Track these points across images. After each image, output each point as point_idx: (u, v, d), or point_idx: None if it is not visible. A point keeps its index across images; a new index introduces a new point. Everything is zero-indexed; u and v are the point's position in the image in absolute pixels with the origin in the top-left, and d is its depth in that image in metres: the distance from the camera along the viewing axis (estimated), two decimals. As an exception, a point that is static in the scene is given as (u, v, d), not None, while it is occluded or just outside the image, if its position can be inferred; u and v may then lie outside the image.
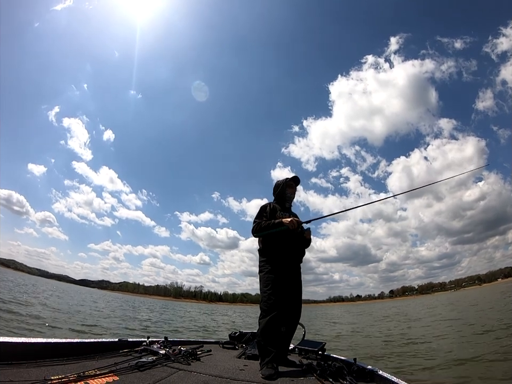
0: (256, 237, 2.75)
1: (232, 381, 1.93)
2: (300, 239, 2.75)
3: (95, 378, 1.60)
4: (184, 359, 2.30)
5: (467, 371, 4.44)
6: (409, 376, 4.40)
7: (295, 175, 2.97)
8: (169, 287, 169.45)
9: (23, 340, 1.82)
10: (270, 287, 2.50)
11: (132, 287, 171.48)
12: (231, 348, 3.34)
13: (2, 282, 25.12)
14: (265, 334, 2.38)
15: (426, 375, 4.51)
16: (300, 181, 2.99)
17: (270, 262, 2.62)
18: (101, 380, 1.60)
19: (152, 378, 1.75)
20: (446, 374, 4.46)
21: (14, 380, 1.45)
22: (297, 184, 3.00)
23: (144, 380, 1.72)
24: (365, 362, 2.52)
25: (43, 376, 1.50)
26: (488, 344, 6.08)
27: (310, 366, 2.31)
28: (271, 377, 2.07)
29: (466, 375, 4.26)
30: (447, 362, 5.05)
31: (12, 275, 55.95)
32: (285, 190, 2.91)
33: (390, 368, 4.80)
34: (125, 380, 1.67)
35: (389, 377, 2.07)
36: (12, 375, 1.49)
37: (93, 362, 1.97)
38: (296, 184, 2.99)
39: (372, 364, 2.84)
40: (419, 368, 4.88)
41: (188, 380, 1.84)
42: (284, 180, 2.95)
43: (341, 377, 2.08)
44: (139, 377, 1.75)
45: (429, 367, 4.92)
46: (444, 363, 5.02)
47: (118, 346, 2.41)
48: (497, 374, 4.12)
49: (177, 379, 1.83)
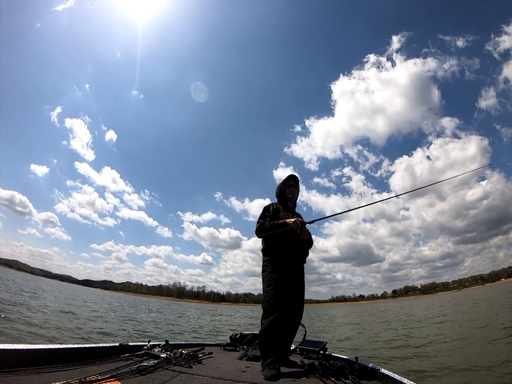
0: (260, 238, 2.74)
1: (234, 382, 1.93)
2: (303, 239, 2.73)
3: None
4: (186, 362, 2.30)
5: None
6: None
7: (290, 174, 2.94)
8: (172, 287, 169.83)
9: (24, 346, 1.81)
10: (272, 287, 2.50)
11: (134, 287, 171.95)
12: (232, 349, 3.34)
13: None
14: (267, 335, 2.37)
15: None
16: (298, 178, 2.95)
17: (273, 262, 2.62)
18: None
19: (154, 382, 1.74)
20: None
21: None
22: (297, 182, 2.95)
23: (145, 383, 1.71)
24: (366, 361, 2.51)
25: (44, 383, 1.50)
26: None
27: (312, 366, 2.31)
28: (273, 378, 2.07)
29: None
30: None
31: (13, 275, 55.86)
32: (284, 190, 2.90)
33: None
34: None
35: (391, 375, 2.07)
36: (13, 383, 1.48)
37: (94, 367, 1.96)
38: (295, 182, 2.95)
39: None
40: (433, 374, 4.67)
41: (189, 382, 1.83)
42: (282, 181, 2.95)
43: (343, 376, 2.08)
44: (140, 382, 1.74)
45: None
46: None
47: (119, 351, 2.40)
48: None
49: (179, 382, 1.82)
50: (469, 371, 4.60)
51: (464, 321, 11.73)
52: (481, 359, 5.14)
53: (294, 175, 2.94)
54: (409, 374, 4.54)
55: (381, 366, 2.30)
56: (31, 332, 6.57)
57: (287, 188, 2.91)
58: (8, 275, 47.54)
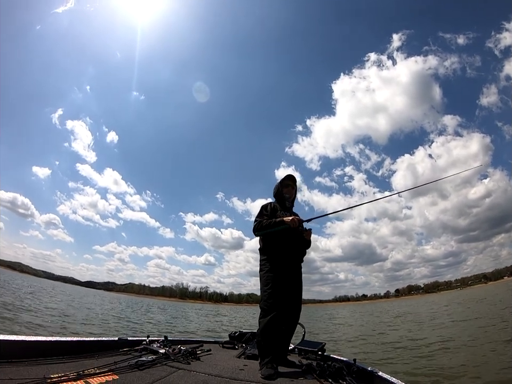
0: (257, 236, 2.75)
1: (231, 380, 1.93)
2: (301, 239, 2.74)
3: (94, 377, 1.60)
4: (184, 358, 2.30)
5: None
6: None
7: (288, 174, 2.95)
8: (174, 288, 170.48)
9: (23, 338, 1.82)
10: (270, 286, 2.49)
11: (137, 288, 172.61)
12: (231, 347, 3.34)
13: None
14: (265, 334, 2.38)
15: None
16: (295, 178, 2.97)
17: (271, 261, 2.62)
18: (100, 378, 1.60)
19: (152, 377, 1.75)
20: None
21: (14, 378, 1.45)
22: (294, 182, 2.97)
23: (143, 379, 1.72)
24: (364, 363, 2.50)
25: (43, 375, 1.50)
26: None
27: (310, 367, 2.31)
28: (270, 377, 2.07)
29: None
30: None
31: (17, 277, 55.88)
32: (282, 190, 2.91)
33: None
34: (125, 378, 1.67)
35: (389, 378, 2.06)
36: (12, 373, 1.49)
37: (93, 361, 1.97)
38: (293, 182, 2.96)
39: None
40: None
41: (187, 379, 1.84)
42: (279, 181, 2.97)
43: (340, 377, 2.07)
44: (139, 376, 1.75)
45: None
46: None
47: (117, 345, 2.41)
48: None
49: (177, 378, 1.83)
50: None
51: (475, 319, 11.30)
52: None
53: (291, 175, 2.95)
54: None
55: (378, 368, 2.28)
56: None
57: (285, 187, 2.92)
58: (14, 277, 47.31)
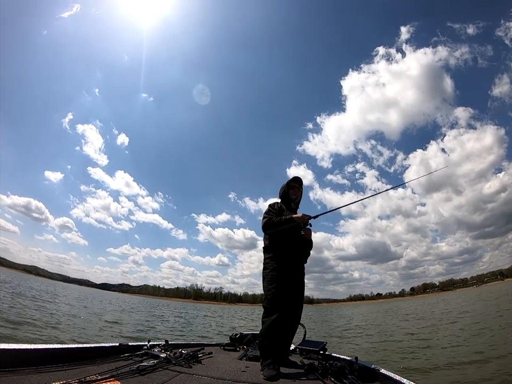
0: (267, 234, 2.73)
1: (234, 382, 1.93)
2: (302, 239, 2.73)
3: (96, 383, 1.60)
4: (185, 362, 2.30)
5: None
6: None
7: (295, 176, 3.00)
8: (189, 289, 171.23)
9: (23, 346, 1.82)
10: (274, 286, 2.51)
11: (152, 290, 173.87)
12: (232, 349, 3.34)
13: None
14: (268, 335, 2.38)
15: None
16: (301, 180, 3.01)
17: (276, 260, 2.63)
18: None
19: (154, 382, 1.75)
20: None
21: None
22: (300, 184, 3.01)
23: (145, 383, 1.72)
24: (367, 361, 2.49)
25: (44, 383, 1.51)
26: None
27: (312, 366, 2.30)
28: (273, 378, 2.08)
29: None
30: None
31: (32, 281, 55.95)
32: (288, 191, 2.94)
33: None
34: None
35: (392, 375, 2.05)
36: (13, 382, 1.49)
37: (94, 367, 1.97)
38: (299, 184, 3.00)
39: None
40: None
41: (189, 382, 1.84)
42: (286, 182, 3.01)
43: (343, 376, 2.07)
44: (140, 381, 1.75)
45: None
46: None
47: (118, 351, 2.41)
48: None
49: (179, 382, 1.83)
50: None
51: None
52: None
53: (298, 177, 2.99)
54: None
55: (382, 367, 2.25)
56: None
57: (291, 189, 2.95)
58: (33, 282, 47.40)
